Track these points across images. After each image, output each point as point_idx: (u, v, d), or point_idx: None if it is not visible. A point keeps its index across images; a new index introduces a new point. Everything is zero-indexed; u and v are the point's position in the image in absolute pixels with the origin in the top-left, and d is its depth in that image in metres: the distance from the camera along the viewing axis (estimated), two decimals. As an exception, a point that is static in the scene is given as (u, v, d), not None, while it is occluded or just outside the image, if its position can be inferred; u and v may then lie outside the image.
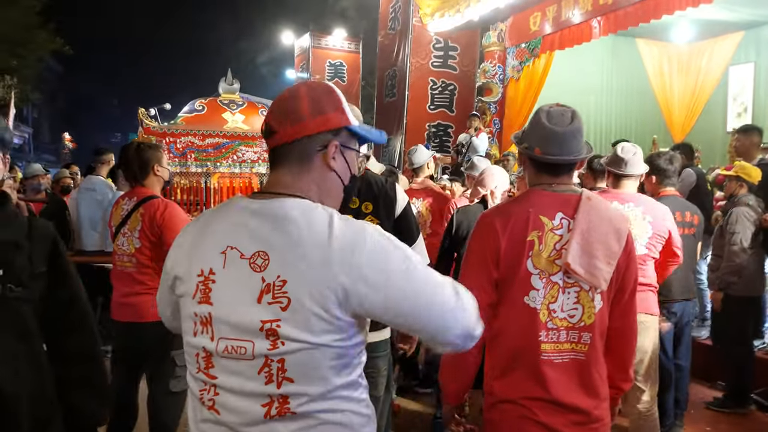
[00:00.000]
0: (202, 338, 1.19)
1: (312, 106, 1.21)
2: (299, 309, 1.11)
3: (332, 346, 1.14)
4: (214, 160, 4.32)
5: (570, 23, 7.91)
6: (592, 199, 1.81)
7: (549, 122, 1.79)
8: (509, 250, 1.76)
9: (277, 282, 1.12)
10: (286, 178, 1.24)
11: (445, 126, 11.13)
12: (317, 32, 16.44)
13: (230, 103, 4.61)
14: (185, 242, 1.27)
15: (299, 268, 1.12)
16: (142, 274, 2.98)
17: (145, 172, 3.04)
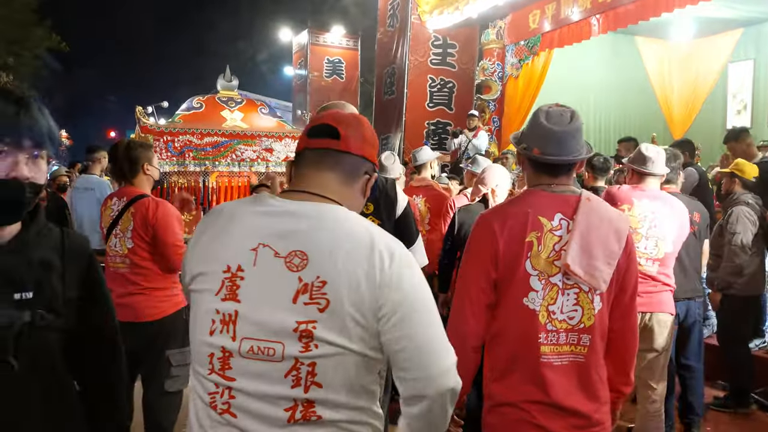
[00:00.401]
0: (220, 337, 1.14)
1: (372, 136, 1.29)
2: (337, 311, 1.10)
3: (364, 354, 1.13)
4: (212, 158, 4.29)
5: (569, 21, 7.89)
6: (591, 200, 1.80)
7: (548, 122, 1.78)
8: (507, 251, 1.75)
9: (317, 282, 1.10)
10: (333, 183, 1.23)
11: (444, 124, 11.11)
12: (315, 29, 16.43)
13: (229, 101, 4.57)
14: (206, 236, 1.23)
15: (341, 271, 1.10)
16: (136, 275, 2.96)
17: (135, 171, 3.01)
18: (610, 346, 1.82)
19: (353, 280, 1.10)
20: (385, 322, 1.12)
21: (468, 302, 1.78)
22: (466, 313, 1.78)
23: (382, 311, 1.11)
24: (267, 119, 4.68)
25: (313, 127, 1.25)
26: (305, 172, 1.24)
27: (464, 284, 1.82)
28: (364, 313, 1.11)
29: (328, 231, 1.14)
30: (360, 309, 1.10)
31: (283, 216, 1.17)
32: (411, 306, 1.14)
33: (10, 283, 1.20)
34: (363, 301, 1.10)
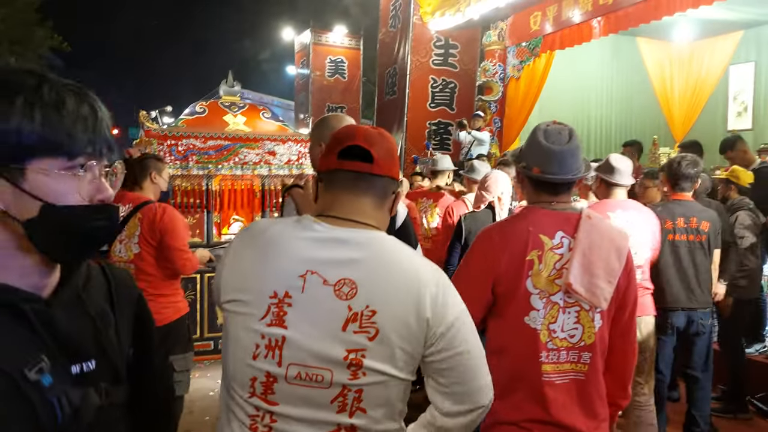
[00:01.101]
0: (265, 362, 1.14)
1: (396, 152, 1.29)
2: (386, 341, 1.11)
3: (406, 379, 1.17)
4: (215, 162, 4.32)
5: (570, 23, 7.90)
6: (592, 218, 1.81)
7: (546, 141, 1.79)
8: (508, 268, 1.76)
9: (366, 312, 1.12)
10: (368, 208, 1.23)
11: (445, 124, 11.12)
12: (318, 28, 16.42)
13: (231, 105, 4.60)
14: (247, 258, 1.20)
15: (390, 301, 1.12)
16: (140, 281, 2.99)
17: (144, 177, 3.06)
18: (609, 361, 1.83)
19: (402, 311, 1.12)
20: (432, 350, 1.16)
21: None
22: None
23: (429, 341, 1.15)
24: (269, 123, 4.72)
25: (345, 149, 1.22)
26: (340, 196, 1.23)
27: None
28: (412, 342, 1.14)
29: (377, 260, 1.16)
30: (408, 339, 1.13)
31: (331, 243, 1.17)
32: (457, 331, 1.17)
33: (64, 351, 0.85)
34: (411, 331, 1.13)
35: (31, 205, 0.81)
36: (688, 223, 3.44)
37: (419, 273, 1.16)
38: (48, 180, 0.82)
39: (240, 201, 4.51)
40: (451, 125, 10.99)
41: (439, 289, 1.17)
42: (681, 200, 3.47)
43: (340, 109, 15.90)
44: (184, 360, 2.98)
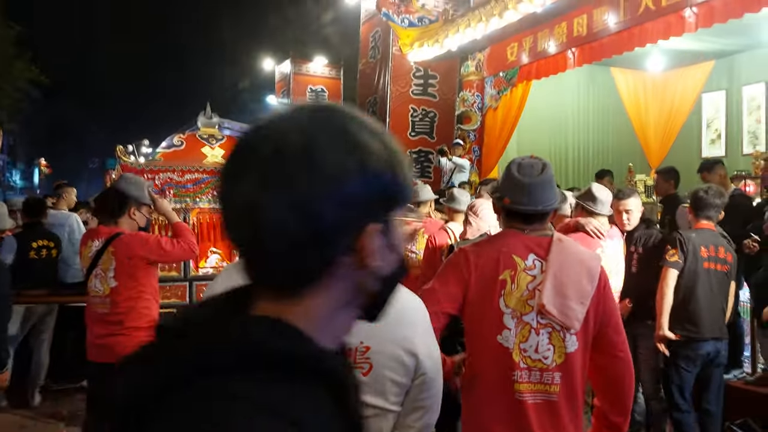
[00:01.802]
0: None
1: None
2: (379, 376, 1.16)
3: (397, 410, 1.22)
4: (193, 195, 4.29)
5: (546, 54, 8.07)
6: (563, 241, 1.86)
7: (518, 173, 1.85)
8: (478, 287, 1.80)
9: (360, 348, 1.16)
10: None
11: (426, 152, 11.22)
12: (298, 58, 16.59)
13: (210, 138, 4.59)
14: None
15: (383, 340, 1.16)
16: (117, 315, 2.93)
17: (122, 212, 3.02)
18: (600, 381, 1.86)
19: (394, 347, 1.17)
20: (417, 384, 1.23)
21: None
22: None
23: (417, 376, 1.21)
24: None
25: None
26: None
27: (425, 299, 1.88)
28: (403, 376, 1.19)
29: None
30: (400, 373, 1.18)
31: None
32: (435, 366, 1.25)
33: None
34: (403, 366, 1.18)
35: (388, 258, 0.71)
36: (717, 252, 3.46)
37: (411, 312, 1.21)
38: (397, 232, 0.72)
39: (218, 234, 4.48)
40: (431, 153, 11.09)
41: (424, 321, 1.24)
42: (707, 229, 3.50)
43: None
44: None
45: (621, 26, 6.82)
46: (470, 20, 8.67)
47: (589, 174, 9.81)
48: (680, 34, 6.17)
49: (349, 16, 15.23)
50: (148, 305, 2.99)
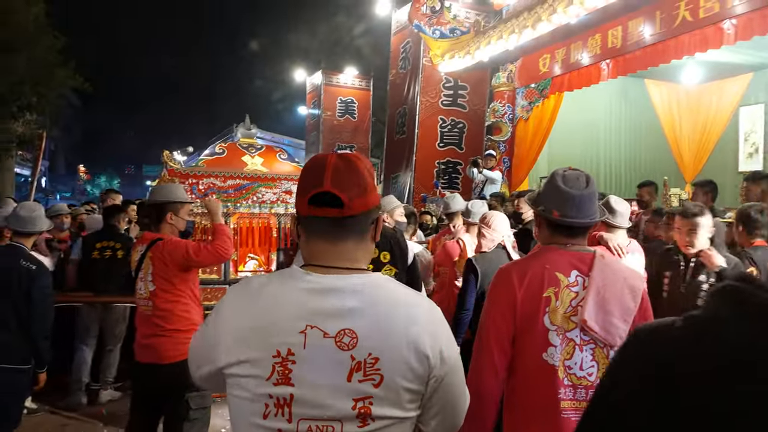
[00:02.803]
0: (275, 421, 1.15)
1: (370, 182, 1.23)
2: (392, 385, 1.12)
3: (413, 417, 1.18)
4: (234, 200, 4.42)
5: (579, 65, 8.04)
6: (606, 257, 1.85)
7: (565, 185, 1.84)
8: (525, 304, 1.79)
9: (369, 359, 1.12)
10: (351, 250, 1.22)
11: (454, 163, 11.25)
12: (329, 70, 16.80)
13: (249, 147, 4.73)
14: (241, 318, 1.20)
15: (391, 346, 1.13)
16: (158, 317, 3.03)
17: (161, 219, 3.14)
18: None
19: (402, 354, 1.13)
20: (431, 387, 1.18)
21: (487, 361, 1.82)
22: (485, 372, 1.81)
23: (430, 378, 1.16)
24: (285, 164, 4.84)
25: (315, 196, 1.18)
26: (319, 243, 1.22)
27: (484, 340, 1.85)
28: (415, 382, 1.15)
29: (373, 306, 1.16)
30: (412, 379, 1.14)
31: (325, 293, 1.17)
32: (451, 371, 1.20)
33: None
34: (414, 371, 1.14)
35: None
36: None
37: (416, 313, 1.17)
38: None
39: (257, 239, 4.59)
40: (460, 164, 11.11)
41: (436, 325, 1.19)
42: (763, 247, 3.47)
43: (349, 149, 16.12)
44: (201, 398, 2.97)
45: (656, 38, 6.77)
46: (502, 31, 8.70)
47: (621, 187, 9.72)
48: (718, 47, 6.10)
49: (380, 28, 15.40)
50: (188, 309, 3.07)
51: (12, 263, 3.32)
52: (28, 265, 3.34)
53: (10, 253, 3.38)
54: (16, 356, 3.29)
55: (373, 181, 1.25)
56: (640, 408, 0.70)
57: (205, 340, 1.25)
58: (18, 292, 3.28)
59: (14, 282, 3.28)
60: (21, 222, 3.44)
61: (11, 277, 3.29)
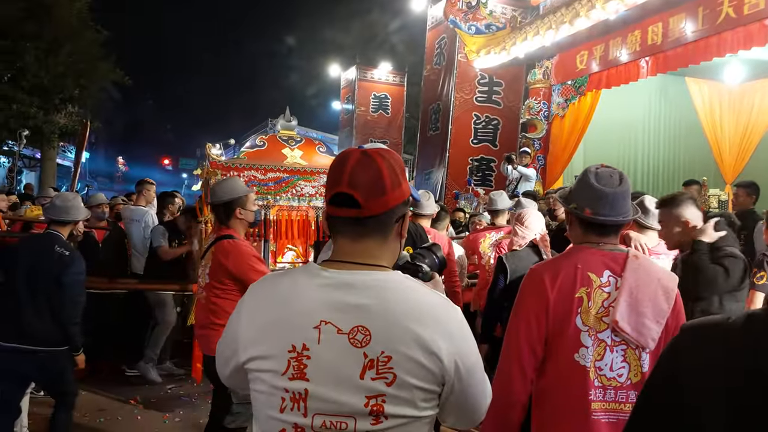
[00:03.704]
0: (292, 414, 1.16)
1: (392, 179, 1.21)
2: (404, 384, 1.12)
3: (428, 416, 1.18)
4: (274, 193, 4.50)
5: (617, 62, 7.93)
6: (639, 258, 1.82)
7: (598, 183, 1.81)
8: (558, 305, 1.77)
9: (381, 357, 1.12)
10: (373, 249, 1.22)
11: (488, 160, 11.19)
12: (363, 65, 16.85)
13: (289, 140, 4.80)
14: (260, 313, 1.22)
15: (404, 345, 1.12)
16: (210, 311, 3.11)
17: (229, 216, 3.20)
18: None
19: (414, 352, 1.12)
20: (448, 384, 1.17)
21: (516, 362, 1.80)
22: (513, 374, 1.80)
23: (445, 377, 1.16)
24: (324, 157, 4.89)
25: (334, 196, 1.20)
26: (342, 242, 1.24)
27: (513, 342, 1.83)
28: (428, 381, 1.14)
29: (386, 304, 1.15)
30: (425, 378, 1.13)
31: (339, 288, 1.17)
32: (469, 372, 1.19)
33: None
34: (427, 370, 1.13)
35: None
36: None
37: (428, 311, 1.16)
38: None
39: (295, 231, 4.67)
40: (493, 161, 11.05)
41: (451, 324, 1.17)
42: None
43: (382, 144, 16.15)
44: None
45: (699, 35, 6.64)
46: (539, 27, 8.62)
47: (658, 187, 9.56)
48: (763, 44, 5.96)
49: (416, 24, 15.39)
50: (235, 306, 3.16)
51: (47, 250, 3.44)
52: (61, 251, 3.44)
53: (45, 241, 3.51)
54: (53, 340, 3.41)
55: (399, 177, 1.23)
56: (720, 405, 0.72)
57: (227, 338, 1.28)
58: (51, 278, 3.40)
59: (48, 268, 3.41)
60: (57, 211, 3.56)
61: (45, 263, 3.41)
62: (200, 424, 4.47)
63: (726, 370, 0.73)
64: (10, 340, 3.31)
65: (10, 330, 3.32)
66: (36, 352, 3.33)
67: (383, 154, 1.23)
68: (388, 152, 1.26)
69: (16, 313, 3.33)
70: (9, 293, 3.38)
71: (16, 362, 3.35)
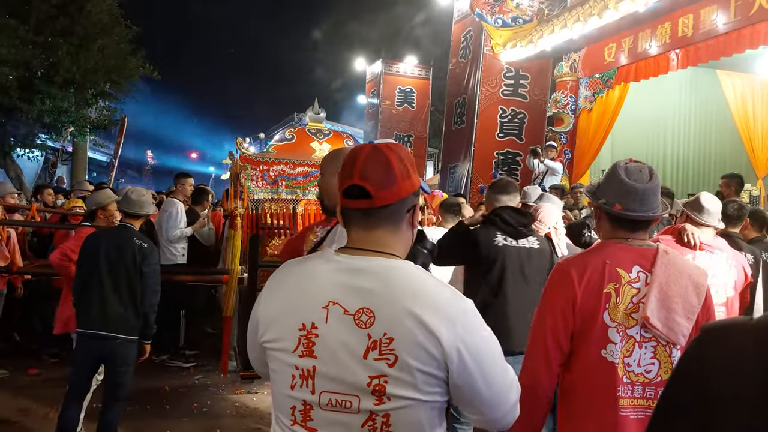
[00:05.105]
0: (301, 391, 1.22)
1: (401, 170, 1.27)
2: (405, 366, 1.16)
3: (435, 401, 1.20)
4: (303, 187, 4.57)
5: (647, 55, 7.81)
6: (669, 253, 1.81)
7: (628, 178, 1.81)
8: (585, 301, 1.77)
9: (384, 339, 1.16)
10: (384, 238, 1.28)
11: (513, 154, 11.11)
12: (389, 59, 16.83)
13: (318, 133, 4.85)
14: (277, 296, 1.29)
15: (406, 327, 1.16)
16: None
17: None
18: None
19: (417, 337, 1.16)
20: (452, 371, 1.19)
21: (542, 357, 1.81)
22: (539, 369, 1.80)
23: (448, 363, 1.18)
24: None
25: (347, 189, 1.26)
26: (354, 231, 1.29)
27: (539, 336, 1.84)
28: (431, 365, 1.17)
29: (392, 288, 1.20)
30: (427, 362, 1.16)
31: (349, 272, 1.23)
32: (477, 361, 1.20)
33: None
34: (429, 355, 1.16)
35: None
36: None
37: (432, 297, 1.19)
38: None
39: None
40: (519, 155, 10.97)
41: (454, 311, 1.19)
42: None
43: (407, 138, 16.17)
44: None
45: (730, 26, 6.51)
46: (567, 20, 8.53)
47: (688, 182, 9.42)
48: (798, 36, 5.84)
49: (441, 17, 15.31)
50: None
51: (126, 242, 3.61)
52: (140, 244, 3.62)
53: (123, 233, 3.67)
54: (131, 328, 3.60)
55: (408, 169, 1.28)
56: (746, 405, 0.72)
57: (252, 321, 1.35)
58: (132, 269, 3.57)
59: (129, 259, 3.58)
60: (131, 205, 3.73)
61: (126, 255, 3.58)
62: (227, 414, 4.58)
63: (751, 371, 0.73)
64: (94, 327, 3.54)
65: (95, 317, 3.54)
66: (114, 339, 3.54)
67: (392, 148, 1.30)
68: (396, 146, 1.32)
69: (101, 301, 3.54)
70: (93, 284, 3.59)
71: (96, 349, 3.57)
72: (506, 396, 1.25)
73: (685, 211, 3.19)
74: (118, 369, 3.61)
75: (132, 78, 13.89)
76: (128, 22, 13.65)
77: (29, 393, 4.88)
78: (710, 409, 0.76)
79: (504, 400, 1.25)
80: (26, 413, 4.51)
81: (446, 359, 1.17)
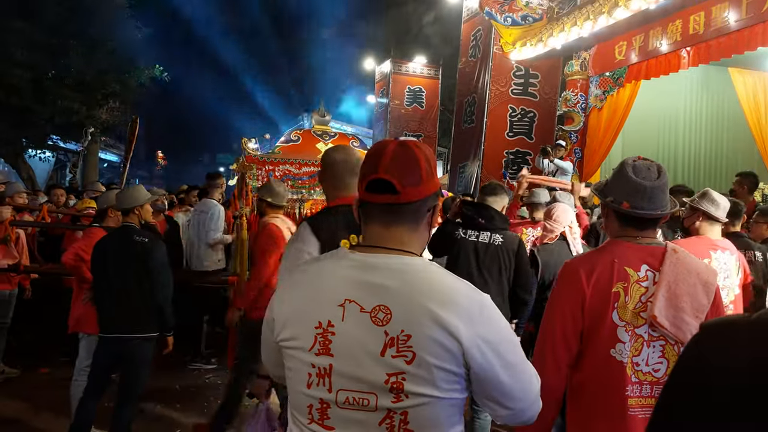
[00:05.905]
0: (318, 390, 1.21)
1: (428, 170, 1.26)
2: (423, 363, 1.15)
3: (453, 398, 1.19)
4: (308, 187, 4.59)
5: (657, 53, 7.74)
6: (678, 252, 1.79)
7: (636, 176, 1.79)
8: (594, 300, 1.76)
9: (401, 336, 1.15)
10: (403, 235, 1.26)
11: (523, 153, 11.07)
12: (398, 58, 16.81)
13: (323, 134, 4.87)
14: (293, 295, 1.29)
15: (423, 324, 1.15)
16: None
17: None
18: None
19: (434, 333, 1.15)
20: (474, 367, 1.18)
21: (550, 357, 1.80)
22: (547, 369, 1.78)
23: (468, 359, 1.17)
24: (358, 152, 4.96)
25: (371, 182, 1.24)
26: (373, 227, 1.27)
27: (548, 336, 1.83)
28: (449, 362, 1.16)
29: (408, 286, 1.19)
30: (445, 359, 1.15)
31: (366, 270, 1.22)
32: (496, 353, 1.19)
33: None
34: (447, 352, 1.15)
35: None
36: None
37: (449, 294, 1.18)
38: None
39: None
40: (529, 154, 10.92)
41: (471, 307, 1.18)
42: None
43: (416, 137, 16.15)
44: None
45: (742, 23, 6.43)
46: (577, 18, 8.47)
47: (699, 181, 9.32)
48: (811, 33, 5.75)
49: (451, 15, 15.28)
50: None
51: (128, 241, 3.64)
52: (141, 239, 3.64)
53: (124, 233, 3.70)
54: (144, 326, 3.62)
55: (432, 169, 1.27)
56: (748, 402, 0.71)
57: (266, 321, 1.35)
58: (138, 266, 3.59)
59: (133, 257, 3.60)
60: (121, 201, 3.78)
61: (129, 253, 3.61)
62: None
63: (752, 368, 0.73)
64: (110, 330, 3.59)
65: (111, 321, 3.59)
66: (131, 340, 3.58)
67: (420, 146, 1.29)
68: (423, 144, 1.31)
69: (114, 304, 3.59)
70: (105, 288, 3.64)
71: (115, 351, 3.61)
72: (530, 386, 1.25)
73: (698, 207, 3.12)
74: (136, 368, 3.65)
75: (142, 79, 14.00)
76: (138, 24, 13.77)
77: (40, 392, 4.92)
78: (710, 407, 0.75)
79: (528, 390, 1.25)
80: (37, 412, 4.55)
81: (466, 355, 1.16)
